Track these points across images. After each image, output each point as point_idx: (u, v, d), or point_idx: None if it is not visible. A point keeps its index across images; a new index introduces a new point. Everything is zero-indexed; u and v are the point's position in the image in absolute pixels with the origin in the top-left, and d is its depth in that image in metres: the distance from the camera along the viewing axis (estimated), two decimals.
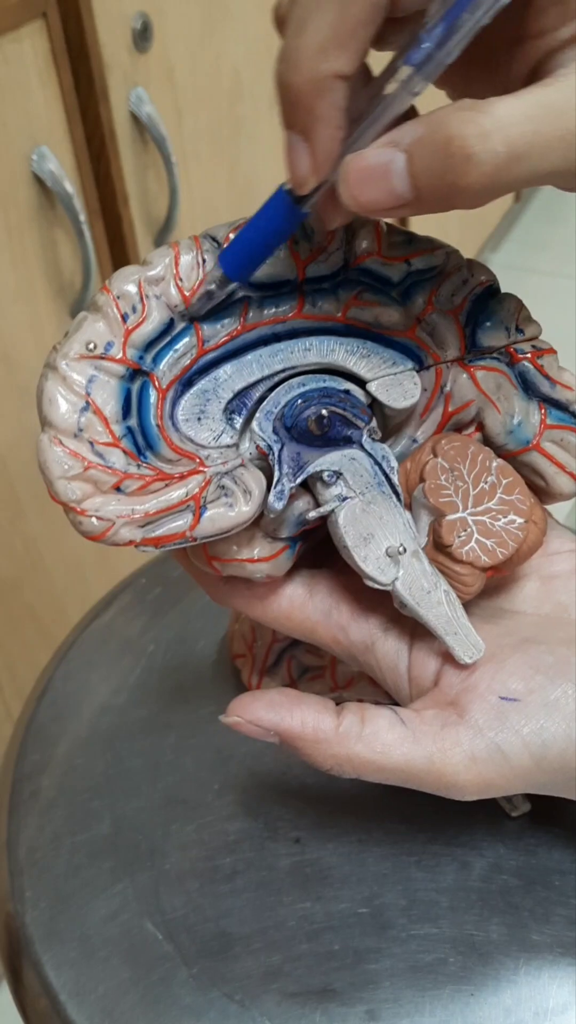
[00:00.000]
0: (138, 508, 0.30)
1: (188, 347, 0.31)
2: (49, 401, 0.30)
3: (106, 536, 0.30)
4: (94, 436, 0.30)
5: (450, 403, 0.33)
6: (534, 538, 0.33)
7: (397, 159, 0.26)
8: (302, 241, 0.31)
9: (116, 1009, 0.34)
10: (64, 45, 0.68)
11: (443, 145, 0.25)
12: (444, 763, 0.30)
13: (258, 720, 0.31)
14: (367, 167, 0.26)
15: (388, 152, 0.26)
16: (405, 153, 0.26)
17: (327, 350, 0.32)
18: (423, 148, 0.26)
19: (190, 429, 0.31)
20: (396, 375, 0.32)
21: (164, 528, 0.30)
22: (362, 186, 0.26)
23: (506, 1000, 0.32)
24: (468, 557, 0.32)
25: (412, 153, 0.26)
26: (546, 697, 0.30)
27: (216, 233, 0.31)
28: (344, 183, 0.27)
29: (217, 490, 0.30)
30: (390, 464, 0.32)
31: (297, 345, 0.32)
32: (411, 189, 0.26)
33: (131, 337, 0.30)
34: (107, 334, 0.30)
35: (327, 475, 0.32)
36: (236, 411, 0.31)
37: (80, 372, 0.30)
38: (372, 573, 0.31)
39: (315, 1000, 0.33)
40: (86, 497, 0.30)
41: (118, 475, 0.30)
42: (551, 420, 0.34)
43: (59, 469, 0.29)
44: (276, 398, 0.32)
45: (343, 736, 0.31)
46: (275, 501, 0.31)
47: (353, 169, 0.26)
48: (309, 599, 0.34)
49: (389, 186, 0.26)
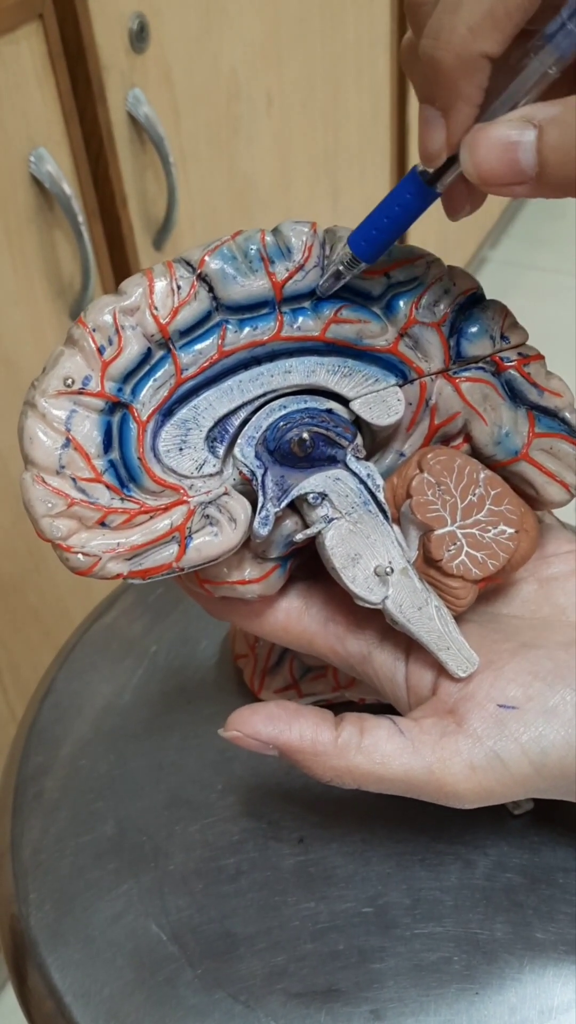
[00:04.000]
0: (123, 542, 0.30)
1: (167, 376, 0.31)
2: (30, 439, 0.30)
3: (93, 571, 0.30)
4: (76, 472, 0.30)
5: (436, 416, 0.33)
6: (526, 547, 0.33)
7: (527, 132, 0.26)
8: (278, 261, 0.31)
9: (121, 1010, 0.34)
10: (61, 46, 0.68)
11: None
12: (444, 772, 0.30)
13: (256, 734, 0.31)
14: (496, 136, 0.26)
15: (518, 124, 0.26)
16: (536, 128, 0.26)
17: (308, 371, 0.32)
18: (556, 125, 0.26)
19: (172, 460, 0.31)
20: (379, 392, 0.32)
21: (151, 560, 0.30)
22: (487, 155, 0.26)
23: (511, 999, 0.32)
24: (459, 571, 0.32)
25: (544, 129, 0.26)
26: (545, 704, 0.30)
27: (191, 257, 0.31)
28: (469, 150, 0.27)
29: (202, 519, 0.30)
30: (375, 482, 0.32)
31: (277, 368, 0.31)
32: (536, 165, 0.26)
33: (108, 370, 0.30)
34: (84, 368, 0.30)
35: (312, 497, 0.31)
36: (218, 439, 0.31)
37: (59, 408, 0.30)
38: (361, 593, 0.31)
39: (320, 1000, 0.33)
40: (71, 533, 0.30)
41: (102, 510, 0.30)
42: (540, 428, 0.34)
43: (43, 507, 0.30)
44: (258, 422, 0.31)
45: (342, 748, 0.31)
46: (260, 527, 0.31)
47: (481, 137, 0.26)
48: (305, 612, 0.34)
49: (514, 158, 0.26)
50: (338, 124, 1.09)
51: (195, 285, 0.30)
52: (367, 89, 1.13)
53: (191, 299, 0.30)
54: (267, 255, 0.31)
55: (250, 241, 0.30)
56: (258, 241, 0.31)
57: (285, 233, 0.31)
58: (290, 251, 0.31)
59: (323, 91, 1.05)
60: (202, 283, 0.30)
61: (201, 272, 0.30)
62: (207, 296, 0.31)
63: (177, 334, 0.30)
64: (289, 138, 1.01)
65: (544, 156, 0.26)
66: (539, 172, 0.26)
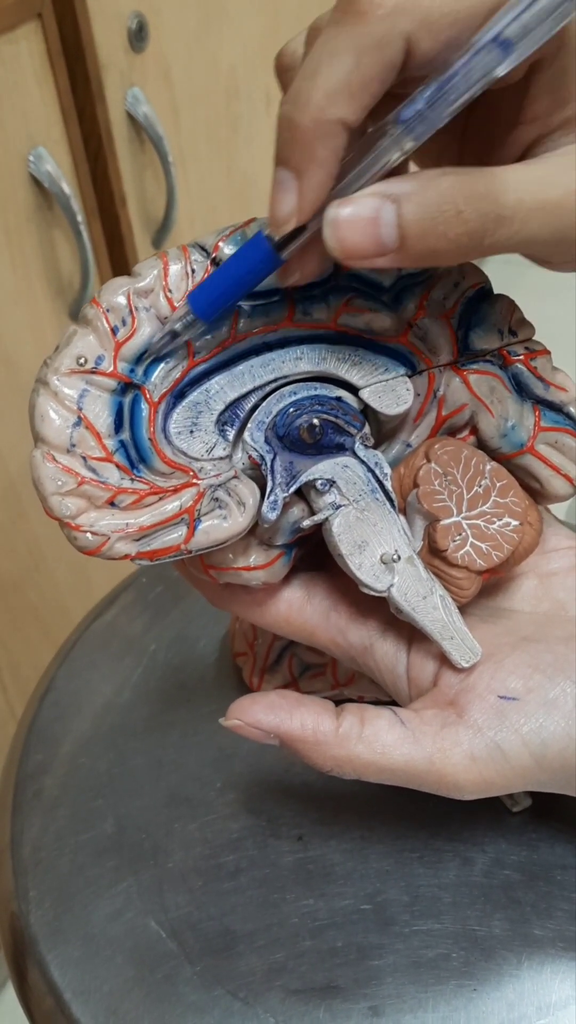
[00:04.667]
0: (132, 522, 0.30)
1: (179, 359, 0.31)
2: (41, 417, 0.30)
3: (101, 550, 0.30)
4: (87, 451, 0.30)
5: (443, 407, 0.33)
6: (530, 540, 0.33)
7: (387, 208, 0.27)
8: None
9: (121, 1007, 0.34)
10: (60, 46, 0.68)
11: (435, 200, 0.26)
12: (444, 763, 0.30)
13: (258, 723, 0.31)
14: (356, 211, 0.27)
15: (378, 200, 0.27)
16: (395, 204, 0.27)
17: (318, 358, 0.32)
18: (414, 202, 0.26)
19: (183, 442, 0.31)
20: (388, 381, 0.32)
21: (159, 541, 0.30)
22: (349, 230, 0.27)
23: (509, 995, 0.32)
24: (463, 561, 0.32)
25: (402, 204, 0.27)
26: (545, 695, 0.30)
27: (205, 242, 0.31)
28: (331, 226, 0.27)
29: (211, 502, 0.31)
30: (383, 470, 0.32)
31: (288, 354, 0.32)
32: (397, 239, 0.27)
33: (122, 350, 0.30)
34: (97, 348, 0.30)
35: (320, 483, 0.32)
36: (228, 422, 0.31)
37: (71, 387, 0.30)
38: (367, 580, 0.32)
39: (319, 996, 0.33)
40: (80, 512, 0.30)
41: (112, 490, 0.30)
42: (545, 422, 0.34)
43: (53, 485, 0.30)
44: (268, 407, 0.32)
45: (343, 737, 0.31)
46: (268, 511, 0.31)
47: (341, 213, 0.27)
48: (307, 602, 0.34)
49: (376, 233, 0.27)
50: None
51: (209, 270, 0.30)
52: None
53: None
54: None
55: (263, 228, 0.31)
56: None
57: None
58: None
59: None
60: (216, 268, 0.30)
61: (215, 257, 0.30)
62: None
63: None
64: None
65: (404, 230, 0.27)
66: (400, 245, 0.27)
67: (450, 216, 0.26)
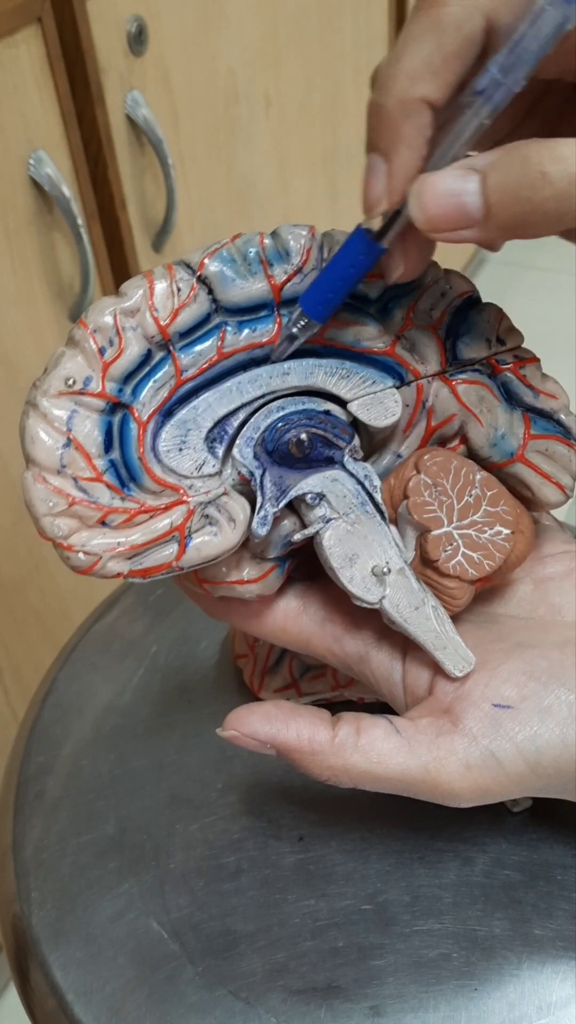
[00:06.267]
0: (124, 541, 0.30)
1: (167, 377, 0.31)
2: (31, 439, 0.30)
3: (94, 570, 0.30)
4: (77, 472, 0.30)
5: (433, 418, 0.33)
6: (522, 548, 0.33)
7: (471, 178, 0.27)
8: (277, 264, 0.31)
9: (123, 1008, 0.34)
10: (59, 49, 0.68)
11: (518, 164, 0.26)
12: (440, 772, 0.30)
13: (254, 733, 0.31)
14: (440, 182, 0.27)
15: (461, 172, 0.27)
16: (479, 173, 0.27)
17: (306, 373, 0.32)
18: (497, 169, 0.27)
19: (172, 460, 0.31)
20: (377, 394, 0.32)
21: (151, 559, 0.30)
22: (435, 201, 0.27)
23: (509, 995, 0.33)
24: (455, 571, 0.32)
25: (486, 173, 0.27)
26: (540, 703, 0.30)
27: (190, 260, 0.31)
28: (415, 198, 0.27)
29: (201, 519, 0.31)
30: (373, 483, 0.32)
31: (276, 369, 0.32)
32: (483, 207, 0.27)
33: (109, 370, 0.30)
34: (85, 368, 0.30)
35: (310, 498, 0.32)
36: (217, 439, 0.32)
37: (60, 408, 0.30)
38: (359, 593, 0.32)
39: (320, 997, 0.33)
40: (72, 532, 0.30)
41: (102, 509, 0.30)
42: (535, 430, 0.34)
43: (44, 506, 0.30)
44: (256, 423, 0.32)
45: (339, 747, 0.31)
46: (259, 527, 0.31)
47: (426, 185, 0.27)
48: (303, 612, 0.34)
49: (460, 202, 0.27)
50: (336, 125, 1.09)
51: (195, 287, 0.30)
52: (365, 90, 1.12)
53: (191, 301, 0.30)
54: (266, 258, 0.31)
55: (249, 244, 0.31)
56: (257, 244, 0.31)
57: (283, 236, 0.31)
58: (288, 254, 0.31)
59: (321, 92, 1.06)
60: (202, 285, 0.31)
61: (201, 274, 0.31)
62: (207, 298, 0.31)
63: (177, 336, 0.31)
64: (287, 139, 1.01)
65: (488, 199, 0.27)
66: (485, 214, 0.27)
67: (535, 179, 0.26)
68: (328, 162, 1.10)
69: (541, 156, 0.26)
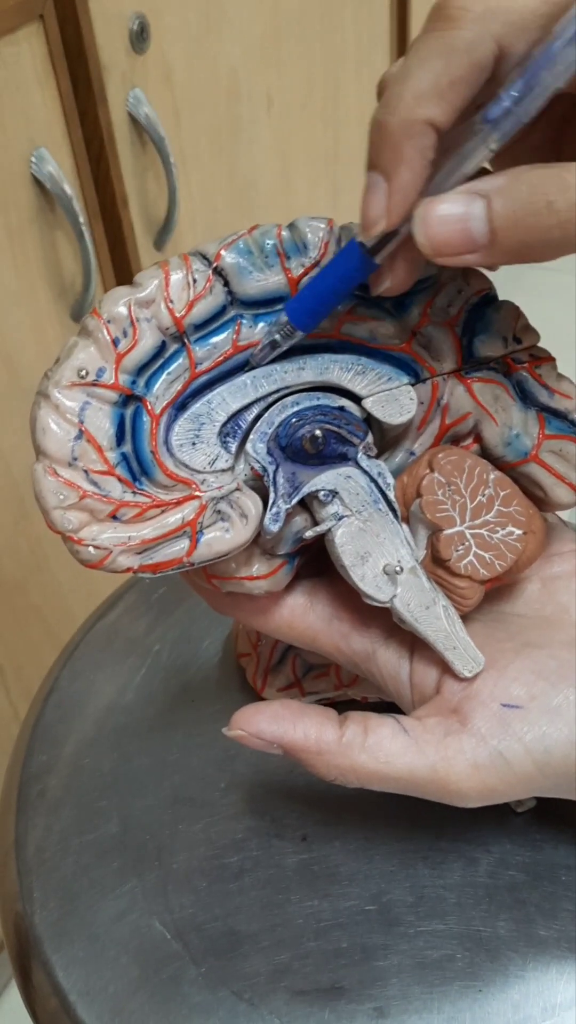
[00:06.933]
0: (135, 535, 0.30)
1: (181, 370, 0.31)
2: (42, 430, 0.29)
3: (104, 564, 0.30)
4: (88, 464, 0.30)
5: (447, 416, 0.33)
6: (533, 549, 0.33)
7: (476, 203, 0.27)
8: (294, 257, 0.31)
9: (126, 1008, 0.34)
10: (61, 47, 0.68)
11: (525, 192, 0.26)
12: (447, 771, 0.30)
13: (260, 733, 0.31)
14: (445, 207, 0.27)
15: (467, 197, 0.27)
16: (484, 199, 0.27)
17: (322, 368, 0.32)
18: (503, 195, 0.27)
19: (185, 454, 0.31)
20: (392, 390, 0.32)
21: (161, 554, 0.30)
22: (440, 226, 0.27)
23: (514, 996, 0.32)
24: (466, 571, 0.32)
25: (492, 199, 0.27)
26: (548, 703, 0.30)
27: (207, 250, 0.30)
28: (420, 223, 0.27)
29: (213, 515, 0.30)
30: (386, 480, 0.32)
31: (291, 364, 0.31)
32: (488, 233, 0.27)
33: (123, 362, 0.30)
34: (98, 359, 0.30)
35: (322, 495, 0.32)
36: (231, 434, 0.31)
37: (72, 400, 0.30)
38: (370, 591, 0.31)
39: (324, 998, 0.33)
40: (82, 526, 0.30)
41: (113, 503, 0.30)
42: (550, 430, 0.34)
43: (54, 499, 0.29)
44: (270, 418, 0.31)
45: (346, 747, 0.31)
46: (270, 523, 0.31)
47: (430, 210, 0.27)
48: (310, 609, 0.34)
49: (466, 228, 0.27)
50: (338, 124, 1.09)
51: (211, 279, 0.30)
52: (367, 89, 1.13)
53: (206, 293, 0.30)
54: (283, 250, 0.30)
55: (266, 236, 0.30)
56: (274, 236, 0.30)
57: (301, 228, 0.30)
58: (306, 247, 0.30)
59: (323, 91, 1.05)
60: (218, 277, 0.30)
61: (217, 266, 0.30)
62: (222, 290, 0.30)
63: (192, 328, 0.30)
64: (289, 138, 1.01)
65: (494, 224, 0.27)
66: (490, 240, 0.27)
67: (541, 208, 0.26)
68: (330, 161, 1.10)
69: (547, 185, 0.26)
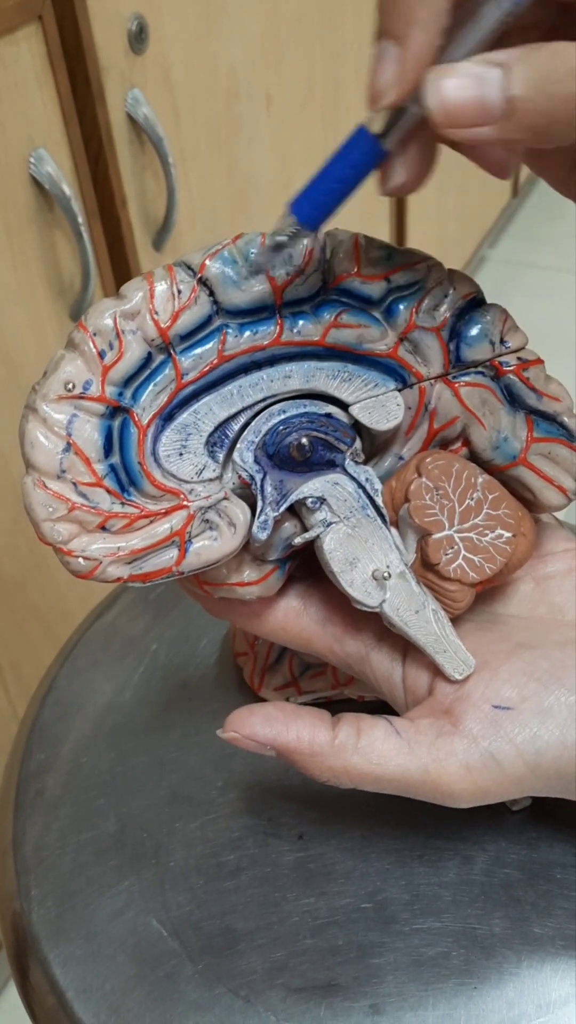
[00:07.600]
0: (124, 546, 0.30)
1: (167, 381, 0.31)
2: (31, 444, 0.30)
3: (94, 574, 0.30)
4: (77, 477, 0.30)
5: (435, 420, 0.33)
6: (523, 551, 0.33)
7: (492, 71, 0.25)
8: (279, 266, 0.30)
9: (123, 1006, 0.34)
10: (60, 47, 0.68)
11: (547, 57, 0.24)
12: (439, 773, 0.30)
13: (254, 735, 0.32)
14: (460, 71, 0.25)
15: (482, 65, 0.25)
16: (502, 67, 0.25)
17: (308, 376, 0.32)
18: (524, 61, 0.25)
19: (172, 465, 0.31)
20: (379, 396, 0.32)
21: (151, 564, 0.30)
22: (455, 88, 0.25)
23: (509, 993, 0.33)
24: (456, 574, 0.32)
25: (510, 66, 0.25)
26: (540, 704, 0.30)
27: (191, 261, 0.30)
28: (434, 84, 0.25)
29: (202, 524, 0.31)
30: (374, 486, 0.32)
31: (277, 372, 0.31)
32: (505, 103, 0.25)
33: (109, 374, 0.30)
34: (85, 372, 0.30)
35: (310, 501, 0.32)
36: (218, 443, 0.31)
37: (60, 412, 0.30)
38: (359, 597, 0.32)
39: (319, 995, 0.33)
40: (72, 537, 0.30)
41: (102, 514, 0.30)
42: (538, 433, 0.34)
43: (44, 512, 0.30)
44: (257, 427, 0.32)
45: (339, 748, 0.31)
46: (259, 531, 0.31)
47: (445, 74, 0.25)
48: (304, 612, 0.34)
49: (482, 95, 0.25)
50: (338, 123, 1.09)
51: (196, 289, 0.30)
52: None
53: (192, 303, 0.30)
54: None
55: (251, 245, 0.30)
56: (258, 245, 0.30)
57: None
58: (290, 255, 0.31)
59: (322, 90, 1.06)
60: (203, 287, 0.30)
61: (202, 276, 0.30)
62: (208, 300, 0.31)
63: (178, 339, 0.31)
64: (289, 137, 1.01)
65: (512, 92, 0.25)
66: (508, 110, 0.25)
67: (563, 74, 0.24)
68: None
69: (569, 51, 0.24)
